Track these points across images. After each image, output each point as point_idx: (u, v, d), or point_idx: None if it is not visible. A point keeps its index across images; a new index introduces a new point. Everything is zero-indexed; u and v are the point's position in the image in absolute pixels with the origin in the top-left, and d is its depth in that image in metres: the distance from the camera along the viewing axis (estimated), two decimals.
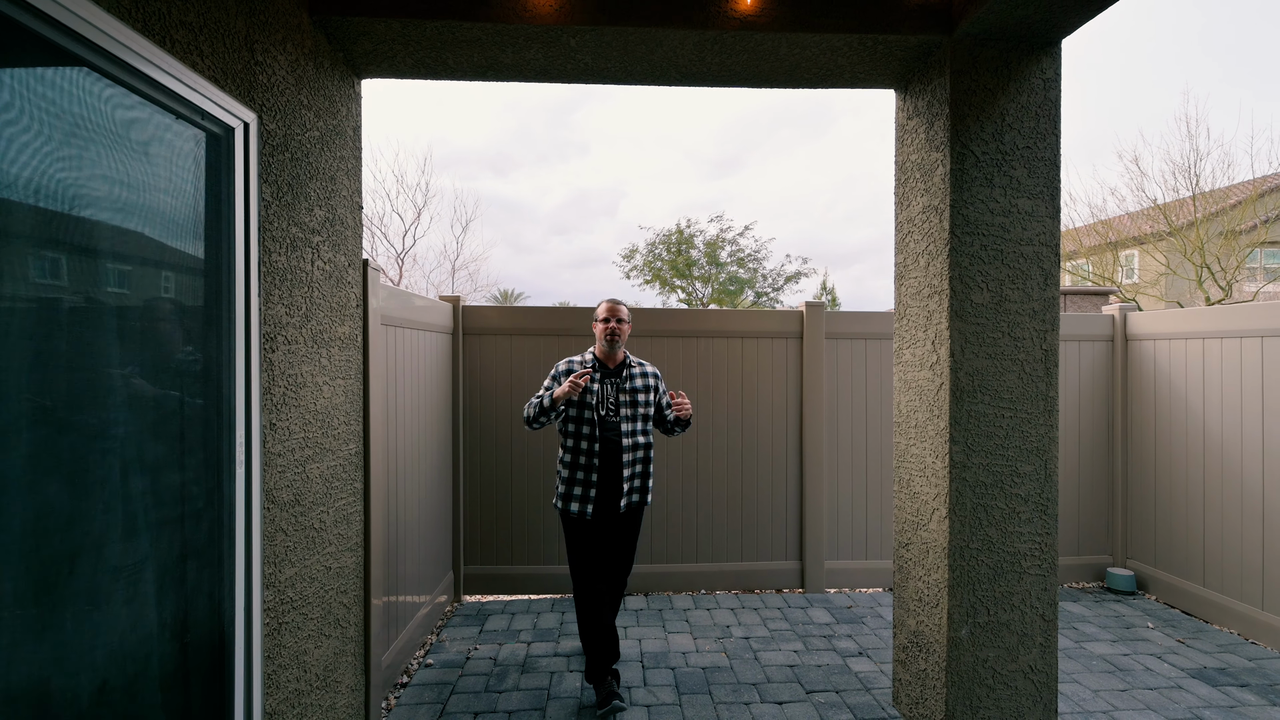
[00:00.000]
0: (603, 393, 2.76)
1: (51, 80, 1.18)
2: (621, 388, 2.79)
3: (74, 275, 1.25)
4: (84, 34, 1.21)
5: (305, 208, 2.04)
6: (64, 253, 1.23)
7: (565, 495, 2.75)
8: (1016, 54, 2.25)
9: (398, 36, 2.23)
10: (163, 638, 1.44)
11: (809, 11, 2.21)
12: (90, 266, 1.28)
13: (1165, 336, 3.94)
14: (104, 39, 1.25)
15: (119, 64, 1.31)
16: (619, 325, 2.77)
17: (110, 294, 1.33)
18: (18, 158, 1.11)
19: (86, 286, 1.27)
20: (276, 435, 1.85)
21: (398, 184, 16.81)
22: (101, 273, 1.31)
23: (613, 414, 2.75)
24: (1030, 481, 2.24)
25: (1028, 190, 2.25)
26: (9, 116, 1.09)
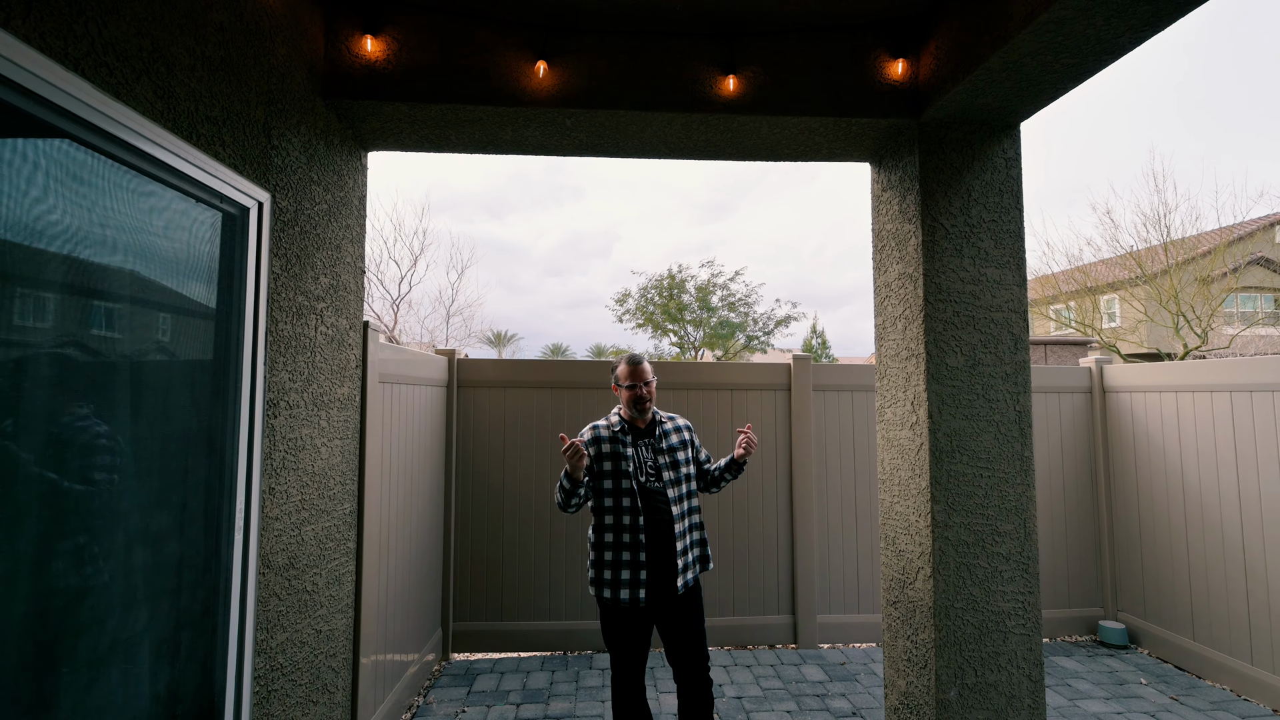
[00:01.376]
0: (639, 457, 2.41)
1: (84, 171, 1.29)
2: (659, 448, 2.45)
3: (91, 350, 1.32)
4: (115, 132, 1.32)
5: (311, 276, 2.14)
6: (83, 327, 1.31)
7: (611, 581, 2.30)
8: (979, 136, 2.43)
9: (404, 117, 2.38)
10: (154, 711, 1.45)
11: (787, 98, 2.39)
12: (108, 344, 1.36)
13: (1141, 389, 4.07)
14: (134, 136, 1.36)
15: (147, 158, 1.42)
16: (646, 389, 2.44)
17: (124, 367, 1.40)
18: (52, 239, 1.20)
19: (102, 360, 1.35)
20: (275, 499, 1.89)
21: (395, 231, 17.16)
22: (119, 348, 1.39)
23: (654, 479, 2.39)
24: (1011, 540, 2.30)
25: (995, 260, 2.39)
26: (48, 203, 1.19)
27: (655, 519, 2.34)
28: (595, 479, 2.40)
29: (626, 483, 2.36)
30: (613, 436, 2.43)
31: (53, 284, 1.21)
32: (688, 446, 2.53)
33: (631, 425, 2.47)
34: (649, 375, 2.46)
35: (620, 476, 2.37)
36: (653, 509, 2.35)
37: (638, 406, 2.44)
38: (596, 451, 2.42)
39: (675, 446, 2.48)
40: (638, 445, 2.44)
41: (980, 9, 2.03)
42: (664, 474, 2.41)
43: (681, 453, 2.48)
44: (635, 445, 2.43)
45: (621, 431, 2.44)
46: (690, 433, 2.60)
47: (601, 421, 2.51)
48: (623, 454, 2.40)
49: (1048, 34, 1.85)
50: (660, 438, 2.48)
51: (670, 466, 2.43)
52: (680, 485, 2.43)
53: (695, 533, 2.45)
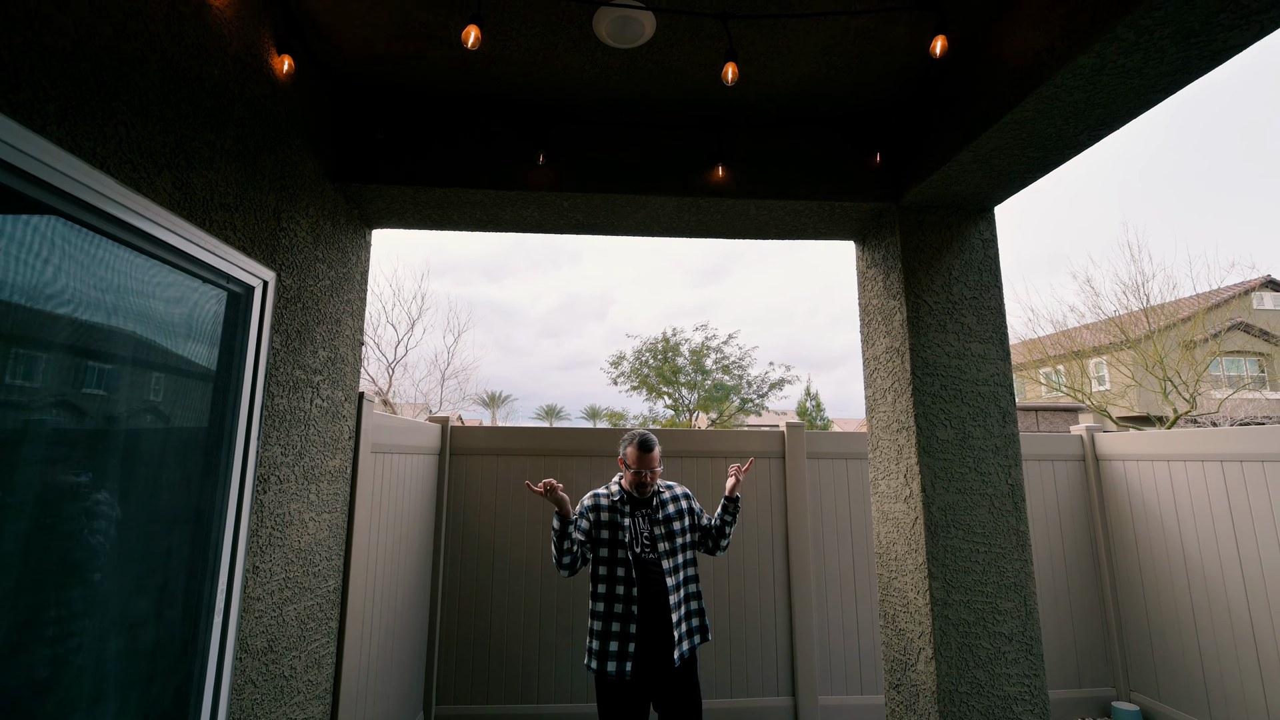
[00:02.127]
0: (635, 527, 2.44)
1: (90, 254, 1.34)
2: (655, 519, 2.49)
3: (86, 427, 1.33)
4: (131, 221, 1.39)
5: (310, 350, 2.18)
6: (77, 392, 1.32)
7: (600, 652, 2.30)
8: (956, 218, 2.56)
9: (409, 199, 2.50)
10: None
11: (773, 184, 2.53)
12: (100, 416, 1.37)
13: (1134, 458, 4.08)
14: (150, 225, 1.43)
15: (160, 244, 1.49)
16: (650, 475, 2.48)
17: (116, 443, 1.41)
18: (58, 306, 1.23)
19: (94, 432, 1.35)
20: (258, 578, 1.84)
21: (394, 296, 17.46)
22: (111, 422, 1.40)
23: (649, 550, 2.41)
24: (1012, 619, 2.25)
25: (979, 336, 2.47)
26: (59, 285, 1.23)
27: (649, 589, 2.35)
28: (594, 547, 2.45)
29: (622, 553, 2.39)
30: (612, 506, 2.48)
31: (54, 350, 1.23)
32: (685, 515, 2.56)
33: (631, 496, 2.53)
34: (656, 464, 2.50)
35: (616, 546, 2.40)
36: (647, 579, 2.36)
37: (639, 489, 2.51)
38: (595, 520, 2.47)
39: (672, 516, 2.52)
40: (635, 516, 2.48)
41: (950, 108, 2.19)
42: (659, 545, 2.43)
43: (678, 522, 2.52)
44: (633, 516, 2.47)
45: (620, 501, 2.49)
46: (689, 500, 2.63)
47: (603, 490, 2.56)
48: (620, 524, 2.44)
49: (1011, 132, 1.99)
50: (658, 508, 2.52)
51: (666, 538, 2.46)
52: (676, 555, 2.45)
53: (692, 603, 2.45)
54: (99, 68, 1.26)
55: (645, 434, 2.54)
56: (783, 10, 1.97)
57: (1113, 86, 1.74)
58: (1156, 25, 1.51)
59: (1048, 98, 1.80)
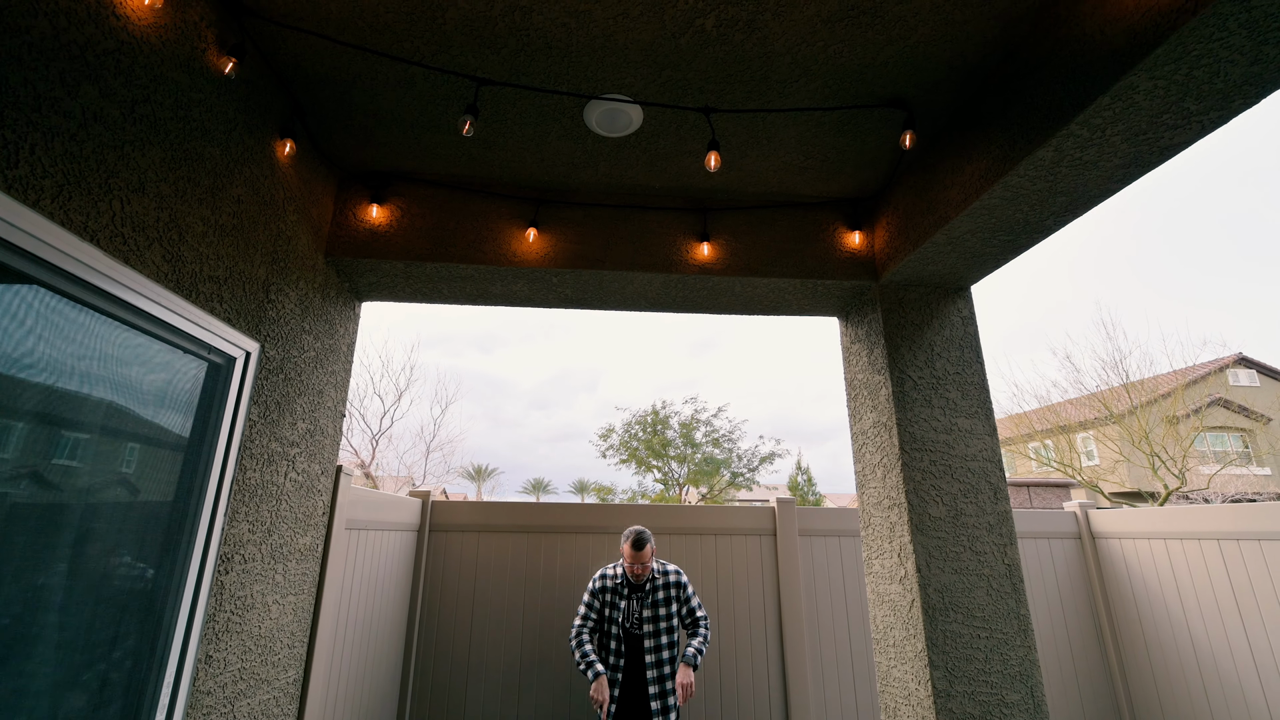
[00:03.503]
0: (629, 608, 2.93)
1: (70, 323, 1.32)
2: (645, 602, 2.94)
3: (40, 501, 1.26)
4: (116, 293, 1.39)
5: (289, 423, 2.13)
6: (46, 470, 1.26)
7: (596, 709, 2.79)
8: (935, 296, 2.63)
9: (400, 274, 2.54)
10: None
11: (756, 262, 2.61)
12: (61, 494, 1.31)
13: (1129, 536, 4.01)
14: (136, 296, 1.43)
15: (144, 315, 1.48)
16: (643, 568, 2.93)
17: (70, 521, 1.34)
18: (31, 373, 1.20)
19: (52, 514, 1.28)
20: (210, 669, 1.71)
21: (383, 367, 17.40)
22: (70, 501, 1.33)
23: (637, 628, 2.90)
24: (1020, 713, 2.12)
25: (964, 411, 2.47)
26: (34, 354, 1.20)
27: (633, 662, 2.83)
28: (598, 621, 2.95)
29: (615, 629, 2.89)
30: (615, 588, 2.98)
31: (23, 417, 1.19)
32: (673, 601, 2.97)
33: (629, 581, 2.99)
34: (648, 559, 2.94)
35: (611, 623, 2.91)
36: (632, 653, 2.84)
37: (634, 578, 2.95)
38: (602, 600, 2.98)
39: (660, 602, 2.94)
40: (630, 598, 2.95)
41: (924, 194, 2.31)
42: (644, 625, 2.89)
43: (664, 609, 2.94)
44: (628, 598, 2.95)
45: (621, 584, 2.98)
46: (681, 589, 3.02)
47: (610, 570, 3.06)
48: (617, 605, 2.94)
49: (981, 217, 2.09)
50: (649, 593, 2.96)
51: (652, 620, 2.90)
52: (660, 636, 2.88)
53: (670, 681, 2.82)
54: (101, 147, 1.30)
55: (640, 531, 2.97)
56: (761, 106, 2.10)
57: (1071, 177, 1.85)
58: (1107, 123, 1.62)
59: (1012, 186, 1.90)
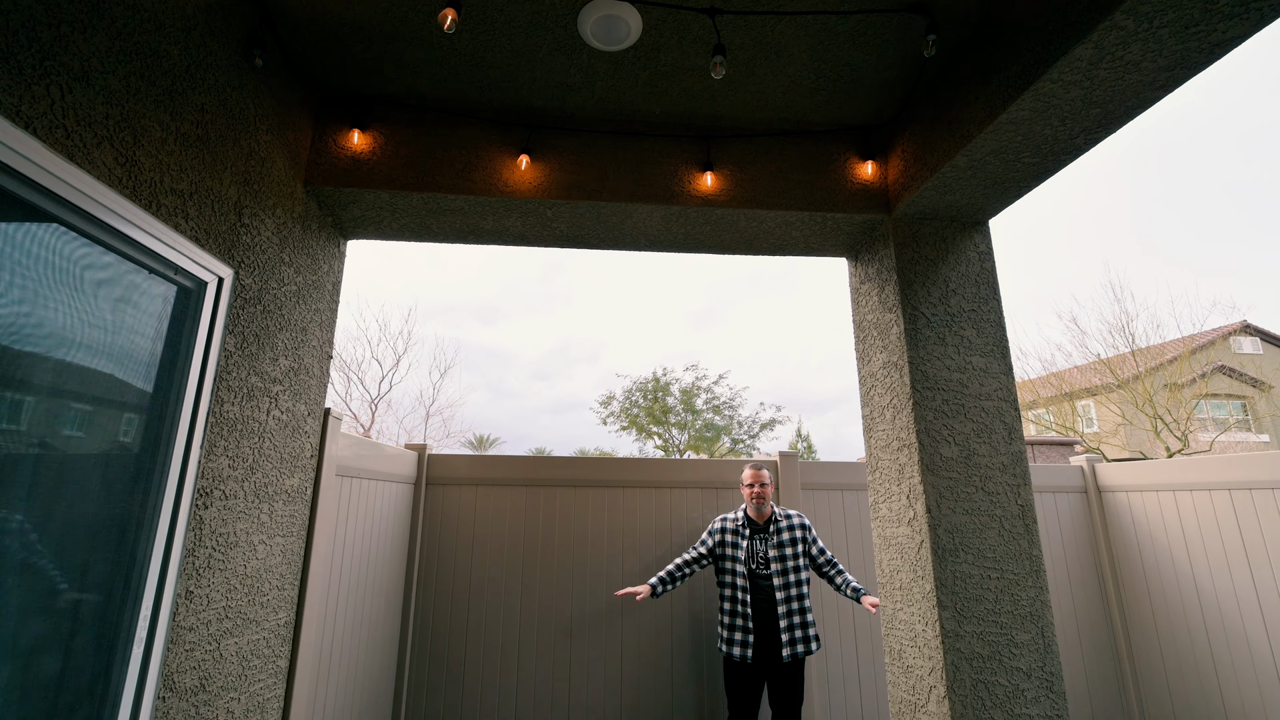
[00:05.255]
0: (751, 548, 3.07)
1: (29, 233, 1.20)
2: (770, 542, 3.06)
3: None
4: (66, 196, 1.26)
5: (270, 358, 2.02)
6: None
7: (727, 640, 2.98)
8: (951, 230, 2.50)
9: (385, 205, 2.40)
10: None
11: (762, 194, 2.46)
12: (11, 422, 1.21)
13: (1136, 489, 3.95)
14: (89, 203, 1.30)
15: (97, 223, 1.36)
16: (763, 489, 3.10)
17: (26, 447, 1.24)
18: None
19: (3, 442, 1.19)
20: (192, 606, 1.64)
21: (380, 331, 17.25)
22: (22, 430, 1.23)
23: (763, 568, 3.02)
24: (1030, 653, 2.06)
25: (979, 349, 2.36)
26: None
27: (761, 601, 2.97)
28: (717, 561, 3.14)
29: (740, 568, 3.04)
30: (735, 529, 3.15)
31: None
32: (799, 543, 3.10)
33: (751, 521, 3.15)
34: (766, 479, 3.15)
35: (735, 562, 3.06)
36: (758, 590, 2.99)
37: (757, 502, 3.10)
38: (720, 540, 3.15)
39: (786, 543, 3.08)
40: (753, 539, 3.11)
41: (944, 113, 2.15)
42: (772, 565, 3.03)
43: (791, 548, 3.07)
44: (751, 539, 3.11)
45: (742, 525, 3.14)
46: (807, 530, 3.16)
47: (730, 515, 3.23)
48: (738, 545, 3.10)
49: (1007, 133, 1.94)
50: (774, 534, 3.10)
51: (778, 559, 3.04)
52: (788, 575, 3.01)
53: (797, 616, 2.96)
54: (31, 22, 1.16)
55: (754, 459, 3.31)
56: (772, 8, 1.93)
57: (1111, 82, 1.69)
58: (1156, 12, 1.46)
59: (1043, 95, 1.75)
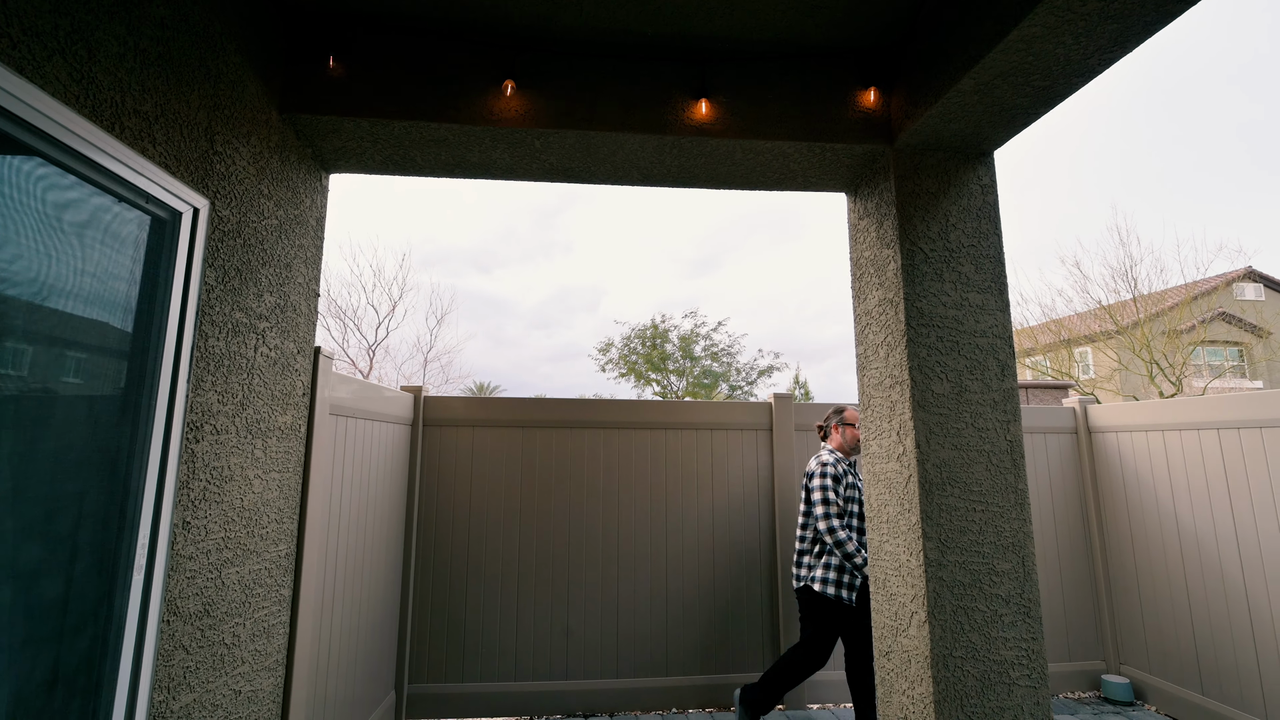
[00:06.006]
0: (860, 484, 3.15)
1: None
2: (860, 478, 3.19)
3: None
4: (19, 114, 1.20)
5: (254, 293, 1.99)
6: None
7: (836, 583, 3.02)
8: (954, 162, 2.41)
9: (366, 135, 2.31)
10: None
11: (759, 122, 2.36)
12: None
13: (1126, 429, 3.99)
14: (45, 122, 1.24)
15: (59, 146, 1.30)
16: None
17: (8, 374, 1.22)
18: None
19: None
20: (190, 535, 1.67)
21: (375, 278, 17.06)
22: (4, 352, 1.21)
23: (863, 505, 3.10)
24: (1010, 580, 2.13)
25: (977, 285, 2.33)
26: None
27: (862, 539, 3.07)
28: (848, 503, 3.12)
29: (857, 507, 3.12)
30: (847, 469, 3.20)
31: None
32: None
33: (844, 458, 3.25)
34: None
35: (851, 501, 3.13)
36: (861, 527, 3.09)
37: (857, 449, 3.18)
38: (847, 484, 3.15)
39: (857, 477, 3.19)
40: (854, 474, 3.22)
41: (950, 33, 2.03)
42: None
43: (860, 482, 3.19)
44: (854, 475, 3.21)
45: (848, 465, 3.23)
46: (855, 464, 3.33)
47: (828, 457, 3.20)
48: (857, 485, 3.15)
49: (1017, 53, 1.83)
50: (855, 466, 3.26)
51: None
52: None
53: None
54: None
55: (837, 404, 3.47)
56: None
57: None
58: None
59: (1059, 7, 1.64)
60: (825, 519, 3.05)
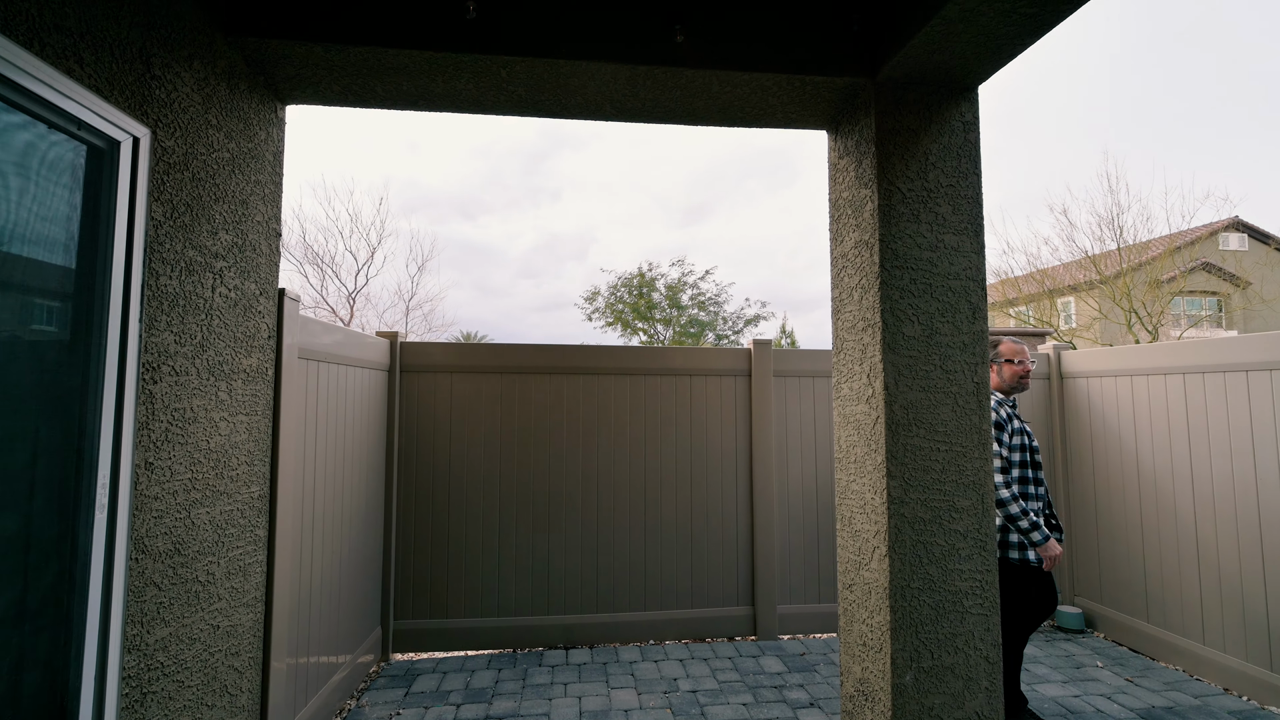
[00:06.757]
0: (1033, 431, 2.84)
1: None
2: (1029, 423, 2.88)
3: None
4: None
5: (208, 230, 1.91)
6: None
7: (1019, 544, 2.66)
8: (937, 98, 2.33)
9: (321, 62, 2.17)
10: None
11: (736, 53, 2.25)
12: None
13: (1097, 374, 4.07)
14: None
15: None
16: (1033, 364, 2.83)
17: None
18: None
19: None
20: (154, 476, 1.66)
21: (352, 222, 16.53)
22: None
23: (1038, 453, 2.76)
24: (969, 517, 2.20)
25: (953, 226, 2.30)
26: None
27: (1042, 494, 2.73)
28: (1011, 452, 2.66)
29: (1036, 456, 2.71)
30: (1018, 415, 2.76)
31: None
32: None
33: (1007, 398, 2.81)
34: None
35: (1029, 451, 2.70)
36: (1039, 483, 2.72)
37: (1023, 383, 2.79)
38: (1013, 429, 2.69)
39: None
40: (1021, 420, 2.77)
41: None
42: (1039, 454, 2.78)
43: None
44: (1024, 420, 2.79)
45: (1015, 409, 2.77)
46: None
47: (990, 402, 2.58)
48: (1028, 433, 2.73)
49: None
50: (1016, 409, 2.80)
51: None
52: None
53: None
54: None
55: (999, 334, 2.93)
56: None
57: None
58: None
59: None
60: None
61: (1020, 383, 2.80)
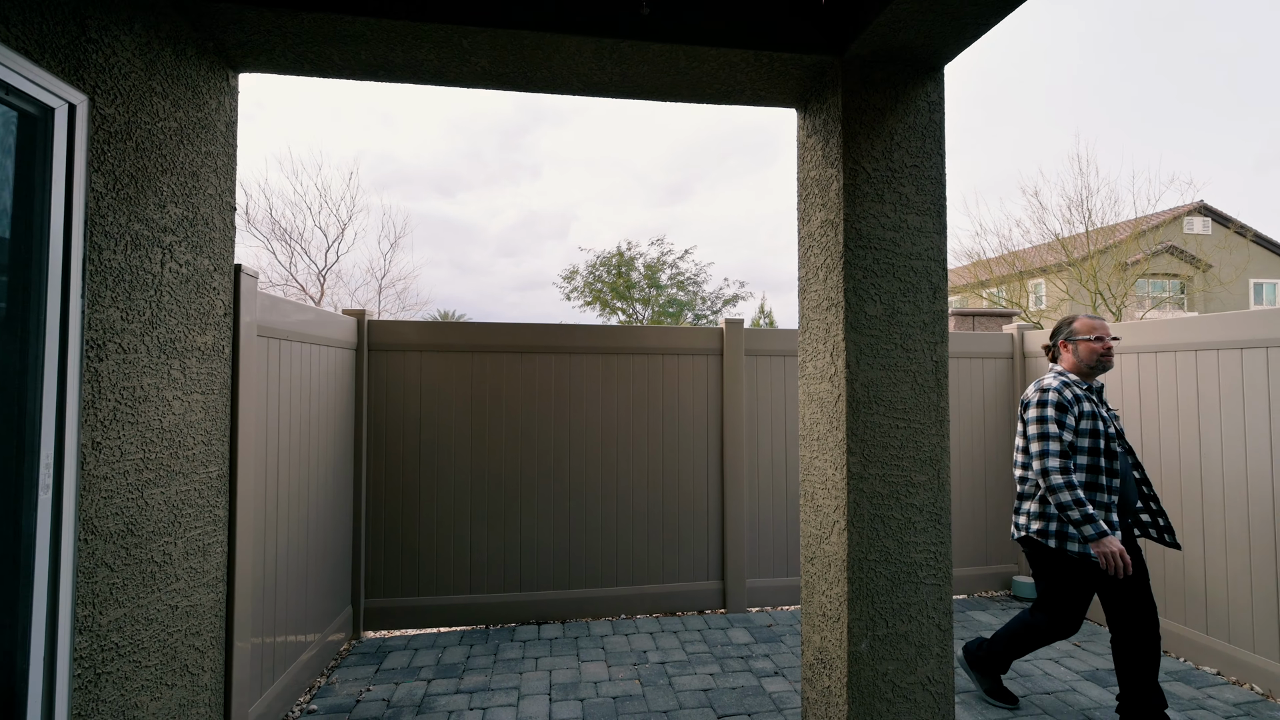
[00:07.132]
0: (1108, 414, 2.51)
1: None
2: (1108, 405, 2.60)
3: None
4: None
5: (155, 203, 1.85)
6: None
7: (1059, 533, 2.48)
8: (903, 77, 2.34)
9: (273, 27, 2.09)
10: None
11: (704, 27, 2.22)
12: None
13: None
14: None
15: None
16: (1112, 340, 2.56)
17: None
18: None
19: None
20: (102, 456, 1.63)
21: (321, 197, 16.05)
22: None
23: (1117, 439, 2.48)
24: (925, 491, 2.27)
25: (916, 207, 2.32)
26: None
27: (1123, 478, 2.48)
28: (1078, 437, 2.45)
29: (1105, 443, 2.44)
30: (1084, 396, 2.50)
31: None
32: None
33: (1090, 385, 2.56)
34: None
35: (1099, 436, 2.45)
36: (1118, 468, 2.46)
37: (1103, 361, 2.54)
38: (1078, 413, 2.46)
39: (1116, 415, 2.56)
40: (1099, 403, 2.53)
41: None
42: (1123, 434, 2.57)
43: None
44: (1097, 403, 2.51)
45: (1086, 390, 2.53)
46: None
47: (1054, 383, 2.54)
48: (1100, 415, 2.48)
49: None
50: (1101, 390, 2.59)
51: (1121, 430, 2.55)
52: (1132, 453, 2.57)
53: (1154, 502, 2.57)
54: None
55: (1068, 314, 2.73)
56: None
57: None
58: None
59: None
60: (1041, 457, 2.42)
61: (1101, 361, 2.53)
